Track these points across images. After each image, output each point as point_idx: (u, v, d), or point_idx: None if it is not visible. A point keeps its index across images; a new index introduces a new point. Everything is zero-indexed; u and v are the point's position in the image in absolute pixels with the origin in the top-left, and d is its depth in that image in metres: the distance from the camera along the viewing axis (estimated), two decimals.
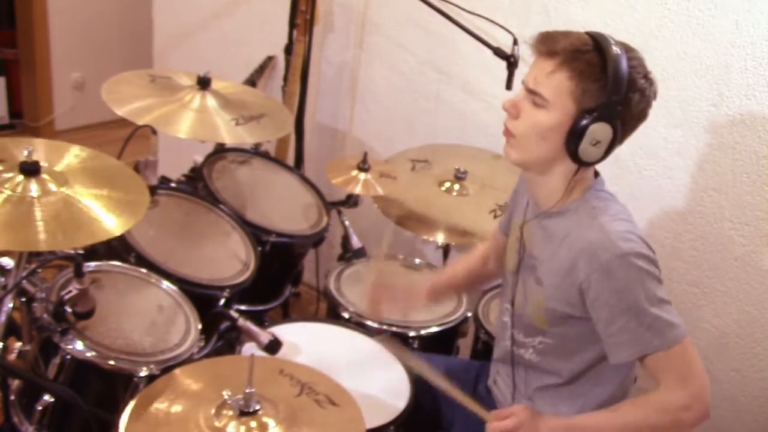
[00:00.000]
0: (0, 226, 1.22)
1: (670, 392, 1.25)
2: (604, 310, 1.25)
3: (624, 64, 1.21)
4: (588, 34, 1.27)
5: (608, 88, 1.21)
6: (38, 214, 1.26)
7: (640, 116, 1.28)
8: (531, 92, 1.28)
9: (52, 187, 1.32)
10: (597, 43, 1.23)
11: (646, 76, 1.26)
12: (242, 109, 1.96)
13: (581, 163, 1.28)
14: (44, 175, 1.33)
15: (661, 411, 1.26)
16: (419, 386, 1.54)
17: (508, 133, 1.33)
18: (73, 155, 1.45)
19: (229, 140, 1.93)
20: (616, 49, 1.21)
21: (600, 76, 1.21)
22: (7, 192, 1.28)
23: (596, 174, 1.39)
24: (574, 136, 1.24)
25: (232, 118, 1.90)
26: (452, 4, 2.00)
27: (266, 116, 1.98)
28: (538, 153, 1.31)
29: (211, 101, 1.92)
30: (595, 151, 1.25)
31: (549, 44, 1.26)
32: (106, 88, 1.86)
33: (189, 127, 1.82)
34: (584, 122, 1.23)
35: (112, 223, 1.31)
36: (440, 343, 1.90)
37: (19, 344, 1.48)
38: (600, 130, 1.23)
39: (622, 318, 1.23)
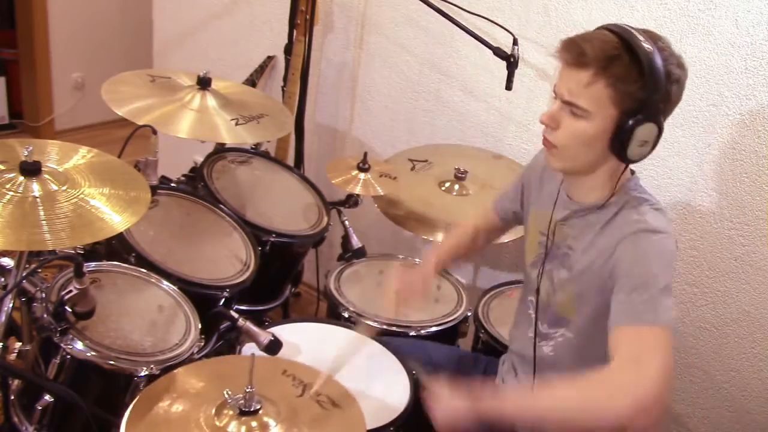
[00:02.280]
0: (4, 227, 1.22)
1: (618, 368, 1.15)
2: (620, 277, 1.24)
3: (658, 59, 1.19)
4: (610, 30, 1.23)
5: (649, 88, 1.19)
6: (42, 213, 1.26)
7: (677, 102, 1.27)
8: (568, 104, 1.25)
9: (54, 186, 1.32)
10: (624, 42, 1.20)
11: (680, 63, 1.24)
12: (242, 109, 1.96)
13: (630, 162, 1.28)
14: (46, 175, 1.33)
15: (598, 385, 1.16)
16: (420, 387, 1.54)
17: (549, 144, 1.31)
18: (80, 156, 1.46)
19: (229, 140, 1.93)
20: (646, 46, 1.18)
21: (638, 77, 1.19)
22: (11, 193, 1.28)
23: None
24: (619, 140, 1.23)
25: (232, 118, 1.90)
26: (452, 4, 2.00)
27: (266, 116, 1.99)
28: (583, 159, 1.30)
29: (211, 101, 1.92)
30: (643, 150, 1.25)
31: (577, 53, 1.22)
32: (106, 88, 1.86)
33: (189, 127, 1.82)
34: (629, 125, 1.21)
35: (115, 221, 1.31)
36: (440, 343, 1.89)
37: (19, 344, 1.48)
38: (646, 131, 1.22)
39: (630, 287, 1.22)
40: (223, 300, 1.71)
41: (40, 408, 1.37)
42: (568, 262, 1.37)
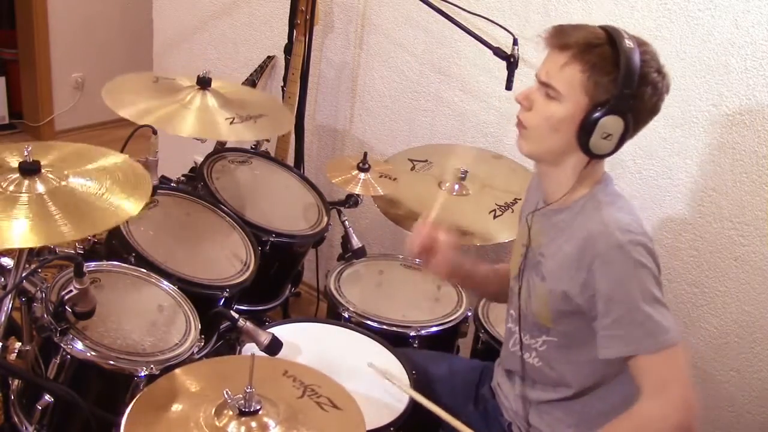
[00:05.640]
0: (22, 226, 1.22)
1: (648, 403, 1.22)
2: (601, 301, 1.25)
3: (636, 57, 1.21)
4: (602, 27, 1.27)
5: (620, 81, 1.21)
6: (53, 208, 1.26)
7: (653, 110, 1.29)
8: (544, 84, 1.29)
9: (56, 183, 1.32)
10: (610, 37, 1.24)
11: (659, 69, 1.26)
12: (241, 108, 1.96)
13: (592, 156, 1.28)
14: (46, 173, 1.33)
15: (640, 427, 1.24)
16: (419, 387, 1.54)
17: (520, 124, 1.34)
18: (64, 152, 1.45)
19: (226, 137, 1.92)
20: (629, 43, 1.22)
21: (612, 69, 1.22)
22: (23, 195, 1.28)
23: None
24: (585, 129, 1.25)
25: (228, 117, 1.89)
26: (452, 4, 2.00)
27: (264, 116, 1.98)
28: (550, 144, 1.31)
29: (210, 101, 1.92)
30: (606, 144, 1.26)
31: (561, 37, 1.27)
32: (107, 88, 1.86)
33: (189, 125, 1.82)
34: (596, 115, 1.23)
35: (127, 206, 1.32)
36: (440, 343, 1.90)
37: (19, 344, 1.48)
38: (611, 123, 1.24)
39: (616, 311, 1.23)
40: (223, 300, 1.71)
41: (40, 408, 1.37)
42: (541, 269, 1.38)
